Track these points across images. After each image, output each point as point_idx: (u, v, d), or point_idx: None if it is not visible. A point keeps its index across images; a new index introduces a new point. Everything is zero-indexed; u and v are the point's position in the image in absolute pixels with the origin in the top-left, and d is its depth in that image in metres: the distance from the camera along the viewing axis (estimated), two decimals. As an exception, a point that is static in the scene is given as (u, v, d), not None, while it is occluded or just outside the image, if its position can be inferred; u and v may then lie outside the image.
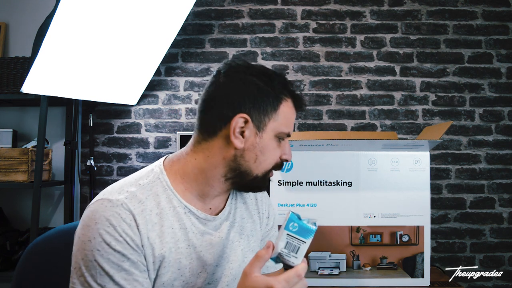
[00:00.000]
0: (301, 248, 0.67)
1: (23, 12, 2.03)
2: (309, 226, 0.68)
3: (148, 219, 0.73)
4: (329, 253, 1.23)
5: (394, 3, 2.04)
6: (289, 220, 0.68)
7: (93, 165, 1.99)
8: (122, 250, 0.69)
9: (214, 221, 0.82)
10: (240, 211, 0.89)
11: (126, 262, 0.70)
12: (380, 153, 1.26)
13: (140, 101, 2.05)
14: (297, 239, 0.67)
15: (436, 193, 1.97)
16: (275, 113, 0.79)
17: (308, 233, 0.67)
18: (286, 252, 0.67)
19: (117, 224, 0.70)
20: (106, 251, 0.69)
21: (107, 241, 0.69)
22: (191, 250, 0.78)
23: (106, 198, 0.73)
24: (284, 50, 2.05)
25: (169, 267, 0.75)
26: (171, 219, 0.77)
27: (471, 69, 2.02)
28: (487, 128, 2.00)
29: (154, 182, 0.79)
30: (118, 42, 1.66)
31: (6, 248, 1.73)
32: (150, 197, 0.76)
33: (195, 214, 0.79)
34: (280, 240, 0.68)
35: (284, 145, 0.82)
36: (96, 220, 0.70)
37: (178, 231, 0.77)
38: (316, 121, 2.03)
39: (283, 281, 0.63)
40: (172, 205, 0.77)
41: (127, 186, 0.77)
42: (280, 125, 0.80)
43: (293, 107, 0.82)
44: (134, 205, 0.73)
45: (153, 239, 0.73)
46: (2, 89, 1.75)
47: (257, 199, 0.95)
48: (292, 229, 0.67)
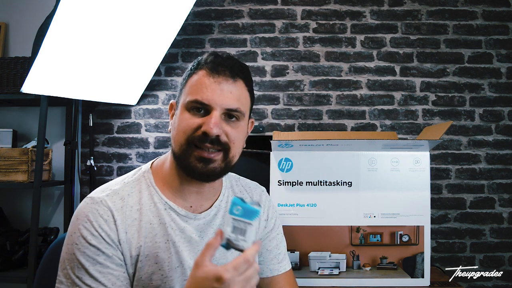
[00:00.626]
0: (248, 230, 0.66)
1: (23, 12, 2.03)
2: (253, 207, 0.66)
3: (128, 214, 0.77)
4: (329, 253, 1.23)
5: (394, 3, 2.04)
6: (232, 204, 0.67)
7: (93, 165, 1.99)
8: (97, 244, 0.73)
9: (196, 219, 0.82)
10: None
11: (101, 256, 0.72)
12: (380, 153, 1.26)
13: (140, 101, 2.05)
14: (242, 222, 0.66)
15: (436, 193, 1.97)
16: (184, 88, 0.80)
17: (253, 214, 0.66)
18: (234, 237, 0.66)
19: (94, 219, 0.74)
20: (83, 245, 0.72)
21: (83, 235, 0.73)
22: (169, 245, 0.79)
23: (90, 196, 0.78)
24: (284, 50, 2.05)
25: (146, 261, 0.76)
26: (150, 214, 0.79)
27: (471, 69, 2.02)
28: (487, 128, 2.00)
29: (139, 179, 0.82)
30: (118, 42, 1.66)
31: (6, 248, 1.73)
32: (133, 193, 0.80)
33: (176, 210, 0.81)
34: (226, 225, 0.66)
35: (206, 118, 0.76)
36: (78, 217, 0.75)
37: (157, 226, 0.79)
38: (316, 121, 2.03)
39: (231, 269, 0.62)
40: (153, 201, 0.80)
41: (112, 185, 0.81)
42: (186, 96, 0.78)
43: (207, 74, 0.78)
44: (114, 201, 0.77)
45: (132, 233, 0.76)
46: (2, 89, 1.75)
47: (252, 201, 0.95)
48: (236, 212, 0.66)
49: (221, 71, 0.77)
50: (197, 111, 0.77)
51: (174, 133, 0.79)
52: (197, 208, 0.84)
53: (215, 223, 0.85)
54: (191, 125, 0.76)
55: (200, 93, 0.76)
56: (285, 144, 1.22)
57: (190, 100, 0.77)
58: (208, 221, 0.84)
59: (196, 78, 0.78)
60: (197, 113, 0.77)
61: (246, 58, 2.04)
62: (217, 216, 0.86)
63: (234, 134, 0.78)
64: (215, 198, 0.87)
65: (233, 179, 0.96)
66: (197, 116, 0.77)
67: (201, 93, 0.76)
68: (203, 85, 0.77)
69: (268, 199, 1.00)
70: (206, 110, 0.77)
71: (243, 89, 0.80)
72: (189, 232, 0.81)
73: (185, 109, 0.78)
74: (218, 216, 0.86)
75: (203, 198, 0.85)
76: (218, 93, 0.76)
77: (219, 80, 0.77)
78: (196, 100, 0.76)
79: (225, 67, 0.78)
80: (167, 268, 0.78)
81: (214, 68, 0.77)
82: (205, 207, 0.85)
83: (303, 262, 1.22)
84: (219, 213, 0.86)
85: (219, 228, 0.68)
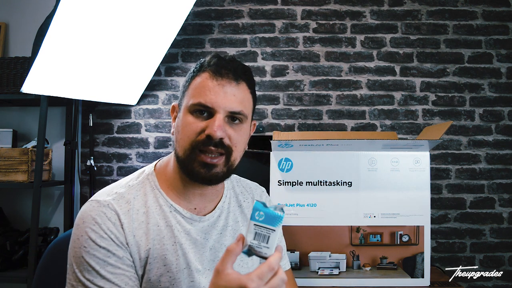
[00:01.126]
0: (271, 237, 0.63)
1: (23, 12, 2.03)
2: (276, 212, 0.64)
3: (134, 218, 0.76)
4: (329, 253, 1.23)
5: (394, 3, 2.04)
6: (254, 209, 0.64)
7: (93, 165, 1.99)
8: (107, 246, 0.72)
9: (201, 222, 0.82)
10: (233, 215, 0.89)
11: (112, 258, 0.72)
12: (380, 153, 1.26)
13: (140, 101, 2.05)
14: (265, 228, 0.63)
15: (436, 193, 1.97)
16: (187, 91, 0.80)
17: (276, 220, 0.63)
18: (256, 243, 0.63)
19: (102, 222, 0.73)
20: (92, 248, 0.72)
21: (92, 238, 0.72)
22: (177, 247, 0.79)
23: (96, 199, 0.77)
24: (284, 50, 2.05)
25: (155, 263, 0.76)
26: (157, 217, 0.79)
27: (471, 69, 2.02)
28: (487, 128, 2.00)
29: (144, 182, 0.82)
30: (118, 42, 1.66)
31: (6, 248, 1.73)
32: (138, 197, 0.79)
33: (181, 213, 0.81)
34: (248, 232, 0.64)
35: (210, 121, 0.76)
36: (84, 220, 0.74)
37: (164, 228, 0.79)
38: (316, 121, 2.03)
39: (256, 278, 0.59)
40: (158, 204, 0.80)
41: (117, 188, 0.80)
42: (189, 99, 0.78)
43: (210, 77, 0.77)
44: (120, 205, 0.76)
45: (140, 236, 0.76)
46: (2, 89, 1.75)
47: (254, 201, 0.94)
48: (258, 219, 0.63)
49: (224, 73, 0.77)
50: (200, 114, 0.77)
51: (178, 137, 0.79)
52: (201, 210, 0.84)
53: (218, 225, 0.85)
54: (194, 129, 0.76)
55: (203, 96, 0.76)
56: (285, 144, 1.22)
57: (193, 103, 0.76)
58: (212, 223, 0.84)
59: (199, 81, 0.78)
60: (200, 116, 0.77)
61: (246, 58, 2.04)
62: (221, 217, 0.86)
63: (236, 138, 0.78)
64: (218, 199, 0.87)
65: (234, 180, 0.96)
66: (200, 119, 0.76)
67: (205, 96, 0.76)
68: (206, 87, 0.76)
69: (268, 199, 1.00)
70: (209, 113, 0.76)
71: (246, 92, 0.80)
72: (194, 234, 0.81)
73: (188, 112, 0.77)
74: (221, 217, 0.86)
75: (207, 200, 0.85)
76: (221, 96, 0.76)
77: (222, 82, 0.76)
78: (199, 103, 0.76)
79: (229, 69, 0.77)
80: (175, 270, 0.78)
81: (217, 71, 0.77)
82: (208, 209, 0.85)
83: (303, 262, 1.23)
84: (222, 214, 0.87)
85: (240, 233, 0.66)
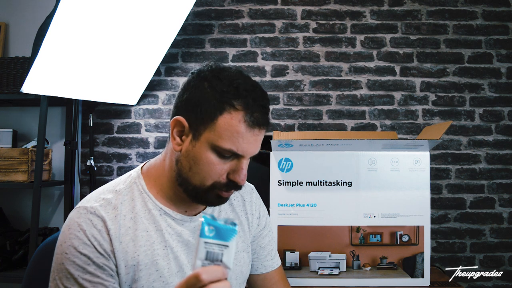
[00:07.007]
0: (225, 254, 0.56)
1: (23, 12, 2.03)
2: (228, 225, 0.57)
3: (121, 224, 0.75)
4: (329, 253, 1.23)
5: (394, 3, 2.04)
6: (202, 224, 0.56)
7: (93, 165, 1.99)
8: (88, 254, 0.71)
9: (192, 221, 0.82)
10: (225, 213, 0.89)
11: (92, 266, 0.71)
12: (380, 153, 1.26)
13: (140, 101, 2.05)
14: (217, 245, 0.56)
15: (436, 193, 1.97)
16: (212, 123, 0.71)
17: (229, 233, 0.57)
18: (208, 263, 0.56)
19: (87, 229, 0.72)
20: (73, 254, 0.71)
21: (74, 245, 0.71)
22: (168, 251, 0.78)
23: (83, 206, 0.76)
24: (284, 50, 2.05)
25: (146, 270, 0.75)
26: (146, 222, 0.78)
27: (471, 69, 2.02)
28: (487, 128, 2.00)
29: (131, 187, 0.80)
30: (118, 42, 1.66)
31: (6, 248, 1.73)
32: (125, 202, 0.78)
33: (171, 215, 0.80)
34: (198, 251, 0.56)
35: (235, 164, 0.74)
36: (70, 226, 0.74)
37: (153, 233, 0.77)
38: (316, 121, 2.03)
39: None
40: (147, 208, 0.79)
41: (104, 193, 0.79)
42: (217, 138, 0.71)
43: (244, 122, 0.71)
44: (107, 211, 0.75)
45: (126, 243, 0.74)
46: (2, 89, 1.75)
47: (244, 200, 0.94)
48: (209, 235, 0.56)
49: (261, 124, 0.73)
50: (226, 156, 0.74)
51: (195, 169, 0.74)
52: (191, 211, 0.84)
53: None
54: (219, 171, 0.74)
55: (236, 144, 0.71)
56: (285, 144, 1.22)
57: (224, 148, 0.71)
58: None
59: (230, 122, 0.71)
60: (224, 157, 0.73)
61: (246, 58, 2.05)
62: None
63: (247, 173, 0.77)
64: None
65: None
66: (224, 159, 0.74)
67: (237, 144, 0.71)
68: (239, 135, 0.71)
69: (258, 197, 1.00)
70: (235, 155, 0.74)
71: None
72: (186, 236, 0.80)
73: (211, 149, 0.73)
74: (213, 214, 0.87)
75: None
76: (253, 145, 0.74)
77: (258, 133, 0.74)
78: (231, 150, 0.72)
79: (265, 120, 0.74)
80: (167, 275, 0.77)
81: (255, 122, 0.72)
82: (199, 209, 0.85)
83: (303, 262, 1.23)
84: (214, 213, 0.87)
85: None
